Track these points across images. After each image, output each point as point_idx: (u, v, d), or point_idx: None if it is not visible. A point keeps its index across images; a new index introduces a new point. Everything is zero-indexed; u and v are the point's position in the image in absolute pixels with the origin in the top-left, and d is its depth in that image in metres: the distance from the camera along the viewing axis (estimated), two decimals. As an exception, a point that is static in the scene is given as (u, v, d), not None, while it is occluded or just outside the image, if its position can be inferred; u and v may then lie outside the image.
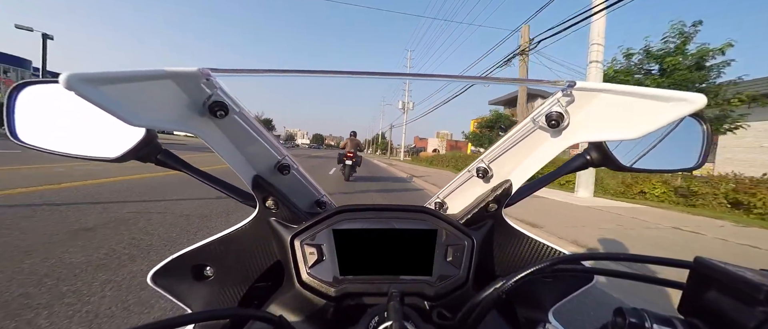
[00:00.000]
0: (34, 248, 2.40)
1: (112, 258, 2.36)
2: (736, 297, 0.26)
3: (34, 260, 2.20)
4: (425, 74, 0.54)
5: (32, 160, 6.59)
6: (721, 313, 0.27)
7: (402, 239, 0.53)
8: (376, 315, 0.41)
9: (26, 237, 2.59)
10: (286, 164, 0.57)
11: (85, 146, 0.50)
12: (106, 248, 2.53)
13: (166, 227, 3.22)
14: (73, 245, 2.53)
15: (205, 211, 3.96)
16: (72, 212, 3.40)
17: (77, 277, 2.02)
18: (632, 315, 0.29)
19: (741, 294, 0.26)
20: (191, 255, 0.56)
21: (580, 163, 0.59)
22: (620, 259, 0.41)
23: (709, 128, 0.56)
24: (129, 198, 4.28)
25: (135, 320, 1.66)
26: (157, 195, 4.62)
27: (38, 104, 0.50)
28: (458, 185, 0.61)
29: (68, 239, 2.62)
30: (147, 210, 3.77)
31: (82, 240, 2.63)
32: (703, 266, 0.30)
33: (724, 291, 0.28)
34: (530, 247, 0.59)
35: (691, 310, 0.31)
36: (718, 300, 0.28)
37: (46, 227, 2.85)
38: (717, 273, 0.28)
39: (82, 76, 0.27)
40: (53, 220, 3.08)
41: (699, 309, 0.30)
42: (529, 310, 0.59)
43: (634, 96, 0.38)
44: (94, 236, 2.77)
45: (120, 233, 2.89)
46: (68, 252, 2.39)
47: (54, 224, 2.96)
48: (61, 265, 2.16)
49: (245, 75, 0.43)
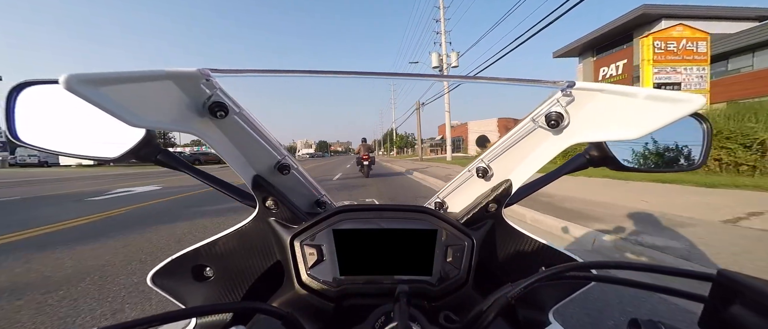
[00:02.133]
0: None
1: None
2: (762, 313, 0.25)
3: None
4: (426, 74, 0.54)
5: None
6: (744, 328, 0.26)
7: (402, 240, 0.53)
8: (382, 315, 0.41)
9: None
10: (286, 164, 0.57)
11: (85, 146, 0.50)
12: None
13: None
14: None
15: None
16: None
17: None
18: (648, 326, 0.28)
19: (766, 309, 0.25)
20: (191, 256, 0.56)
21: (580, 162, 0.59)
22: (635, 268, 0.38)
23: (709, 127, 0.56)
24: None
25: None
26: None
27: (38, 104, 0.50)
28: (458, 184, 0.61)
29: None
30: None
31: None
32: (727, 278, 0.29)
33: (748, 305, 0.26)
34: (530, 247, 0.59)
35: (713, 325, 0.29)
36: (742, 316, 0.27)
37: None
38: (741, 286, 0.27)
39: (82, 76, 0.27)
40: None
41: (722, 323, 0.28)
42: (530, 310, 0.59)
43: (634, 96, 0.38)
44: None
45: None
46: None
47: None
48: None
49: (245, 75, 0.43)
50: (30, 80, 0.49)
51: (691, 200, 4.22)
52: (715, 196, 4.48)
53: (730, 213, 3.45)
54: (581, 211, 3.87)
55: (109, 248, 2.94)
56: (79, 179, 12.71)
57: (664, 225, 3.15)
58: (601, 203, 4.36)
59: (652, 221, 3.34)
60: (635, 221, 3.33)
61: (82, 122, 0.49)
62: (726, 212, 3.52)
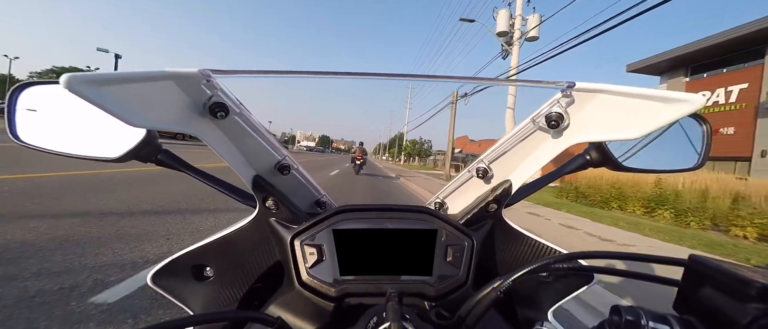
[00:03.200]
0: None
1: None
2: (730, 294, 0.27)
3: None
4: (425, 75, 0.54)
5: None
6: (715, 310, 0.28)
7: (402, 240, 0.53)
8: (375, 316, 0.41)
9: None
10: (286, 164, 0.58)
11: (86, 147, 0.50)
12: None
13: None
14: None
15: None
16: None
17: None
18: (629, 312, 0.30)
19: (734, 290, 0.27)
20: (191, 256, 0.56)
21: (579, 163, 0.59)
22: (616, 257, 0.41)
23: (709, 128, 0.55)
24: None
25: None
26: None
27: (39, 104, 0.50)
28: (458, 185, 0.61)
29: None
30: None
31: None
32: (698, 263, 0.31)
33: (717, 288, 0.28)
34: (530, 247, 0.59)
35: (686, 307, 0.31)
36: (712, 297, 0.28)
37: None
38: (711, 270, 0.29)
39: (82, 77, 0.27)
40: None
41: (694, 306, 0.30)
42: (529, 310, 0.59)
43: (634, 96, 0.38)
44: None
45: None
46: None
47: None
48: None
49: (246, 76, 0.43)
50: (31, 81, 0.50)
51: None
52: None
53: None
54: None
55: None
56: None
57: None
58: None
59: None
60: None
61: (82, 123, 0.49)
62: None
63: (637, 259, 0.40)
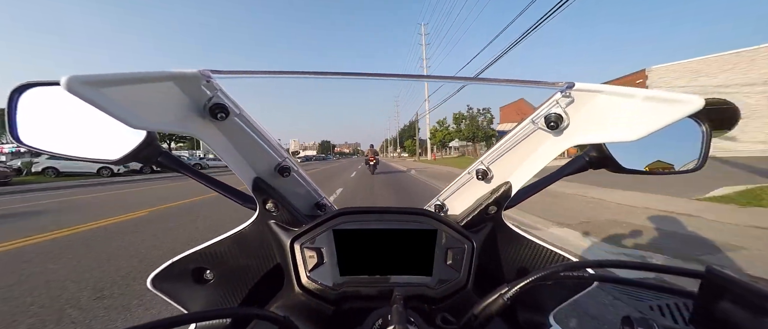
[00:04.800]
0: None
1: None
2: (749, 309, 0.26)
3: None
4: (425, 75, 0.54)
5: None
6: (733, 325, 0.27)
7: (402, 242, 0.53)
8: (380, 318, 0.41)
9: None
10: (286, 166, 0.57)
11: (87, 148, 0.50)
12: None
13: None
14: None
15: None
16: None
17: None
18: (641, 324, 0.29)
19: (754, 306, 0.25)
20: (191, 259, 0.55)
21: (579, 164, 0.58)
22: (628, 267, 0.39)
23: (708, 129, 0.55)
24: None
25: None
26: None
27: (40, 105, 0.50)
28: (458, 187, 0.60)
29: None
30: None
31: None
32: (715, 276, 0.29)
33: (736, 302, 0.27)
34: (530, 250, 0.59)
35: (703, 321, 0.30)
36: (730, 312, 0.27)
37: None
38: (729, 283, 0.28)
39: (83, 78, 0.27)
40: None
41: (711, 320, 0.29)
42: (531, 313, 0.59)
43: (633, 97, 0.38)
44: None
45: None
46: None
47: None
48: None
49: (246, 76, 0.43)
50: (31, 82, 0.49)
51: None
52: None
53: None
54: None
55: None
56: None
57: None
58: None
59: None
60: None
61: (83, 124, 0.49)
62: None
63: (651, 269, 0.38)
